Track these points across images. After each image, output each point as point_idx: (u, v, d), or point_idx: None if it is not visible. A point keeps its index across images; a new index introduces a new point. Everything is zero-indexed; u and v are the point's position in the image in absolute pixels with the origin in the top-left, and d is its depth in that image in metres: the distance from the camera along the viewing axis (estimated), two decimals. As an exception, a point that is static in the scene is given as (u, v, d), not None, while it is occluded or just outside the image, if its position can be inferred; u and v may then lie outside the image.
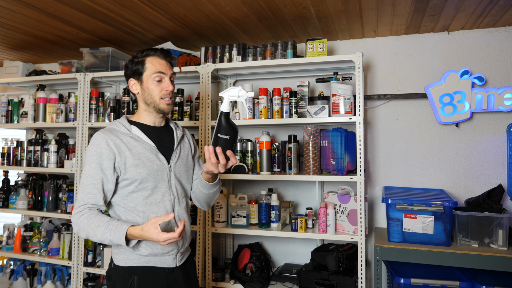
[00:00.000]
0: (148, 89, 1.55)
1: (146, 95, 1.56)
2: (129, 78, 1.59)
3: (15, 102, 3.19)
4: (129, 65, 1.58)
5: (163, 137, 1.61)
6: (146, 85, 1.55)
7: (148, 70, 1.54)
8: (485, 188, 2.49)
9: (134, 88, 1.59)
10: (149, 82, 1.54)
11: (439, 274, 2.24)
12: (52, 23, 2.56)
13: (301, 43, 2.90)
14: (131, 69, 1.58)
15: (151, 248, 1.49)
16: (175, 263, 1.55)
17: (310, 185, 2.80)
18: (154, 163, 1.52)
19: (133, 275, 1.48)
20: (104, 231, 1.38)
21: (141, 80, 1.56)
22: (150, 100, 1.55)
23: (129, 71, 1.59)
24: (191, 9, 2.29)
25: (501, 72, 2.52)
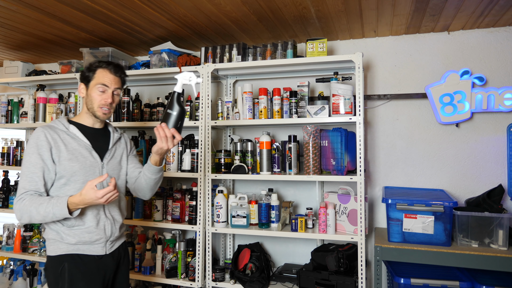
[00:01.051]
0: (90, 96, 1.74)
1: (88, 101, 1.75)
2: (80, 82, 1.78)
3: (15, 102, 3.19)
4: (84, 71, 1.77)
5: (99, 137, 1.79)
6: (90, 92, 1.74)
7: (95, 80, 1.73)
8: (485, 188, 2.49)
9: (81, 91, 1.77)
10: (93, 91, 1.73)
11: (439, 274, 2.24)
12: (52, 23, 2.56)
13: (301, 43, 2.90)
14: (84, 75, 1.77)
15: (78, 236, 1.63)
16: (104, 251, 1.70)
17: (310, 185, 2.80)
18: (87, 159, 1.69)
19: (63, 262, 1.61)
20: (46, 207, 1.52)
21: (88, 87, 1.75)
22: (90, 106, 1.74)
23: (82, 76, 1.77)
24: (191, 9, 2.29)
25: (501, 72, 2.52)
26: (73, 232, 1.63)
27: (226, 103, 2.62)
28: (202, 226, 2.54)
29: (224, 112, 2.62)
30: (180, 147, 2.69)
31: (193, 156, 2.61)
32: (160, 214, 2.70)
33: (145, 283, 2.83)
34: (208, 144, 2.56)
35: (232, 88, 2.93)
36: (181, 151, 2.69)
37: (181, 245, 2.59)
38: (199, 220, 2.54)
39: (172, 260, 2.61)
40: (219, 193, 2.55)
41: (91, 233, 1.66)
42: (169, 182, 2.93)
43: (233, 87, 2.95)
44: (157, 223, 2.66)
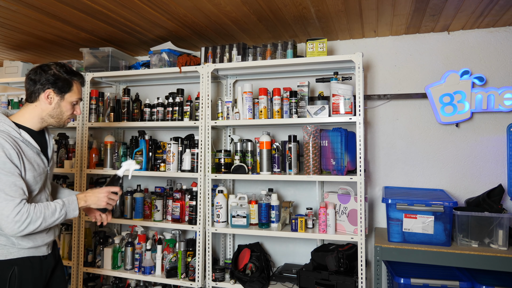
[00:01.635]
0: (61, 107, 1.67)
1: (57, 111, 1.66)
2: (47, 88, 1.62)
3: (15, 102, 3.19)
4: (50, 77, 1.62)
5: (42, 141, 1.69)
6: (63, 103, 1.67)
7: (71, 94, 1.68)
8: (485, 188, 2.49)
9: (50, 98, 1.64)
10: (67, 103, 1.67)
11: (439, 274, 2.24)
12: (52, 23, 2.56)
13: (301, 43, 2.90)
14: (58, 83, 1.64)
15: (33, 241, 1.59)
16: (48, 251, 1.69)
17: (310, 185, 2.80)
18: (40, 167, 1.62)
19: (13, 266, 1.56)
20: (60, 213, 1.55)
21: (62, 98, 1.66)
22: (58, 116, 1.68)
23: (50, 82, 1.62)
24: (191, 9, 2.29)
25: (501, 72, 2.52)
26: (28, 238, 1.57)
27: (226, 103, 2.62)
28: (202, 226, 2.54)
29: (224, 112, 2.63)
30: (180, 147, 2.69)
31: (193, 156, 2.61)
32: (160, 214, 2.70)
33: (145, 283, 2.83)
34: (208, 144, 2.56)
35: (232, 88, 2.93)
36: (181, 151, 2.69)
37: (181, 245, 2.59)
38: (199, 220, 2.54)
39: (172, 260, 2.61)
40: (219, 193, 2.55)
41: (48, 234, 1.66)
42: (169, 182, 2.93)
43: (233, 87, 2.95)
44: (157, 223, 2.66)
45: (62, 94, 1.66)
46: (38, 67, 1.65)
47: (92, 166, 2.88)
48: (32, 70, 1.66)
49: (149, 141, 2.79)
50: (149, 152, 2.78)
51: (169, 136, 3.17)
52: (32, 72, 1.65)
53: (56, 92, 1.64)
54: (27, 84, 1.65)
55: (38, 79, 1.62)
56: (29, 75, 1.65)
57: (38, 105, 1.64)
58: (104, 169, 2.83)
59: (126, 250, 2.72)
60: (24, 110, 1.65)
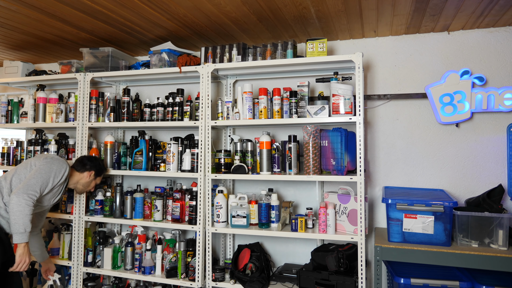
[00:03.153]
0: (90, 183, 2.60)
1: (87, 184, 2.58)
2: (92, 170, 2.57)
3: (15, 102, 3.19)
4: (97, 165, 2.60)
5: None
6: (93, 181, 2.61)
7: (100, 178, 2.67)
8: (485, 188, 2.49)
9: (90, 176, 2.56)
10: (94, 182, 2.62)
11: (439, 274, 2.24)
12: (52, 23, 2.56)
13: (301, 43, 2.90)
14: (98, 169, 2.60)
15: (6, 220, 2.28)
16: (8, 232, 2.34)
17: (310, 185, 2.80)
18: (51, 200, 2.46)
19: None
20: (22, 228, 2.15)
21: (95, 178, 2.61)
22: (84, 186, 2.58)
23: (96, 168, 2.59)
24: (191, 9, 2.29)
25: (501, 72, 2.52)
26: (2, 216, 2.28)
27: (226, 103, 2.62)
28: (202, 226, 2.53)
29: (224, 112, 2.63)
30: (180, 147, 2.69)
31: (193, 156, 2.61)
32: (160, 214, 2.70)
33: (145, 283, 2.83)
34: (208, 144, 2.56)
35: (232, 88, 2.93)
36: (181, 151, 2.69)
37: (181, 245, 2.59)
38: (199, 220, 2.54)
39: (172, 260, 2.61)
40: (219, 193, 2.55)
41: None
42: (169, 182, 2.93)
43: (233, 87, 2.95)
44: (157, 223, 2.66)
45: (96, 177, 2.61)
46: (91, 156, 2.63)
47: (92, 166, 2.88)
48: (87, 157, 2.60)
49: (149, 141, 2.79)
50: (149, 152, 2.78)
51: (169, 136, 3.17)
52: (87, 158, 2.59)
53: (95, 174, 2.59)
54: (80, 162, 2.56)
55: (91, 163, 2.56)
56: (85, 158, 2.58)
57: (80, 175, 2.55)
58: (104, 169, 2.83)
59: (126, 250, 2.72)
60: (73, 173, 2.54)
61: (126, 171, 2.77)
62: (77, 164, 2.54)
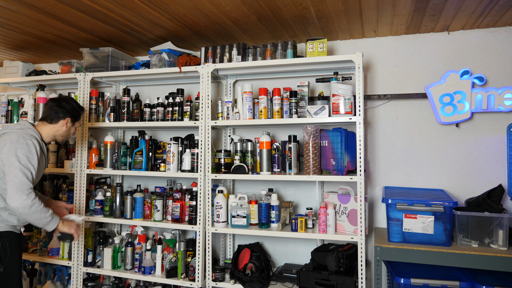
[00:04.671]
0: (69, 131, 2.30)
1: (66, 133, 2.28)
2: (67, 117, 2.24)
3: (15, 102, 3.19)
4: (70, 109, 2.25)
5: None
6: (72, 128, 2.31)
7: (79, 122, 2.35)
8: (485, 188, 2.49)
9: (66, 124, 2.25)
10: (73, 128, 2.33)
11: (439, 274, 2.24)
12: (52, 23, 2.56)
13: (301, 43, 2.90)
14: (76, 115, 2.29)
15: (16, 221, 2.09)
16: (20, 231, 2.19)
17: (310, 185, 2.80)
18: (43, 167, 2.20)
19: (3, 237, 2.04)
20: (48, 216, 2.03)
21: (73, 124, 2.30)
22: (64, 136, 2.29)
23: (70, 113, 2.25)
24: (191, 9, 2.29)
25: (501, 72, 2.52)
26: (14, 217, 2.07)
27: (226, 103, 2.62)
28: (202, 226, 2.54)
29: (224, 112, 2.62)
30: (180, 147, 2.69)
31: (193, 156, 2.61)
32: (160, 214, 2.70)
33: (145, 283, 2.83)
34: (208, 144, 2.56)
35: (232, 88, 2.93)
36: (181, 151, 2.69)
37: (181, 245, 2.59)
38: (199, 220, 2.54)
39: (172, 260, 2.61)
40: (219, 193, 2.55)
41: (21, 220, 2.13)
42: (169, 182, 2.93)
43: (233, 87, 2.95)
44: (157, 223, 2.66)
45: (74, 122, 2.30)
46: (59, 99, 2.27)
47: (92, 166, 2.88)
48: (55, 100, 2.25)
49: (149, 141, 2.79)
50: (149, 152, 2.78)
51: (169, 136, 3.17)
52: (55, 102, 2.23)
53: (72, 120, 2.27)
54: (49, 110, 2.21)
55: (61, 109, 2.22)
56: (53, 104, 2.22)
57: (55, 126, 2.23)
58: (104, 169, 2.83)
59: (126, 250, 2.72)
60: (42, 127, 2.21)
61: (126, 171, 2.77)
62: (48, 115, 2.20)
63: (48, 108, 2.22)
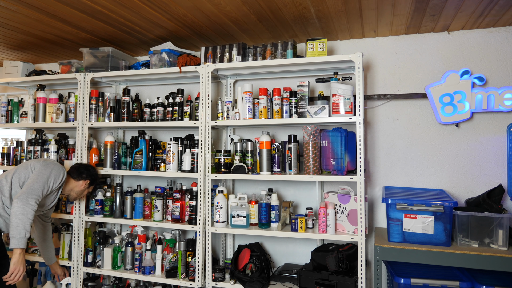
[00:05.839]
0: (83, 191, 2.65)
1: (80, 192, 2.62)
2: (87, 179, 2.63)
3: (15, 102, 3.19)
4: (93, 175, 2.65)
5: None
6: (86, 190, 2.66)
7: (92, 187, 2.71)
8: (485, 188, 2.49)
9: (84, 185, 2.62)
10: (87, 190, 2.68)
11: (439, 274, 2.24)
12: (52, 23, 2.56)
13: (301, 43, 2.90)
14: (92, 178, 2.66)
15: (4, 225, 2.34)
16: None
17: (310, 185, 2.80)
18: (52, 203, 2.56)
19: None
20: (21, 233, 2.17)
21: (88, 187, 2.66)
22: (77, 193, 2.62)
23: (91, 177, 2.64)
24: (191, 9, 2.29)
25: (501, 72, 2.52)
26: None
27: (226, 103, 2.62)
28: (202, 226, 2.53)
29: (224, 112, 2.63)
30: (180, 147, 2.69)
31: (193, 156, 2.61)
32: (160, 214, 2.70)
33: (145, 283, 2.83)
34: (208, 144, 2.56)
35: (232, 88, 2.93)
36: (181, 151, 2.69)
37: (181, 245, 2.59)
38: (199, 220, 2.54)
39: (172, 260, 2.61)
40: (219, 193, 2.55)
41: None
42: (169, 182, 2.93)
43: (233, 87, 2.95)
44: (157, 223, 2.66)
45: (90, 186, 2.67)
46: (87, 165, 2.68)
47: (92, 166, 2.88)
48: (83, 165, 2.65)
49: (149, 141, 2.79)
50: (149, 152, 2.78)
51: (169, 136, 3.17)
52: (84, 166, 2.64)
53: (89, 183, 2.65)
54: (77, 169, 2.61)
55: (87, 172, 2.62)
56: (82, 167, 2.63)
57: (76, 183, 2.60)
58: (104, 169, 2.83)
59: (126, 250, 2.72)
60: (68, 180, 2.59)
61: (126, 171, 2.77)
62: (74, 172, 2.60)
63: (75, 168, 2.62)
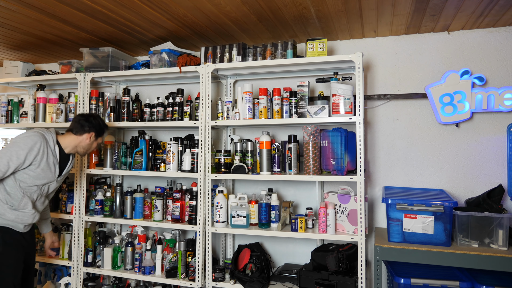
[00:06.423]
0: (92, 145, 2.40)
1: (88, 146, 2.38)
2: (91, 131, 2.35)
3: (15, 102, 3.19)
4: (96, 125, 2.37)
5: (63, 159, 2.33)
6: (93, 142, 2.40)
7: (101, 138, 2.47)
8: (485, 188, 2.49)
9: (90, 138, 2.35)
10: (95, 143, 2.42)
11: (439, 274, 2.24)
12: (52, 23, 2.56)
13: (301, 43, 2.90)
14: (100, 130, 2.41)
15: (15, 216, 2.15)
16: (24, 230, 2.22)
17: (310, 185, 2.80)
18: (52, 173, 2.24)
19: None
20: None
21: (96, 139, 2.40)
22: (85, 148, 2.38)
23: (96, 128, 2.36)
24: (191, 9, 2.29)
25: (501, 72, 2.52)
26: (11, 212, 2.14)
27: (226, 103, 2.62)
28: (202, 226, 2.53)
29: (224, 112, 2.63)
30: (180, 147, 2.69)
31: (193, 156, 2.61)
32: (160, 214, 2.70)
33: (145, 283, 2.83)
34: (208, 144, 2.56)
35: (232, 88, 2.93)
36: (181, 151, 2.69)
37: (181, 245, 2.59)
38: (199, 220, 2.54)
39: (172, 260, 2.61)
40: (219, 193, 2.55)
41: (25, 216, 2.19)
42: (169, 182, 2.93)
43: (233, 87, 2.95)
44: (157, 223, 2.66)
45: (97, 137, 2.41)
46: (88, 115, 2.40)
47: (92, 166, 2.89)
48: (83, 115, 2.38)
49: (149, 141, 2.79)
50: (149, 152, 2.78)
51: (169, 136, 3.17)
52: (84, 117, 2.35)
53: (95, 135, 2.38)
54: (76, 123, 2.33)
55: (88, 123, 2.33)
56: (81, 117, 2.35)
57: (79, 138, 2.34)
58: (104, 169, 2.83)
59: (126, 250, 2.72)
60: (67, 137, 2.34)
61: (126, 171, 2.77)
62: (74, 127, 2.32)
63: (76, 121, 2.35)
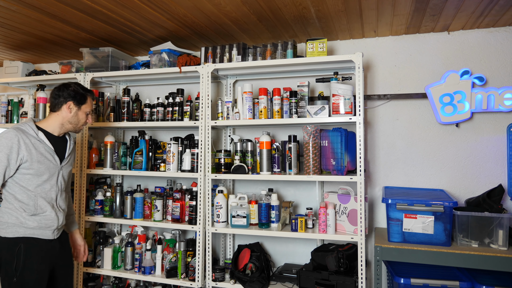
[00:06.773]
0: (78, 116, 2.09)
1: (75, 119, 2.08)
2: (68, 100, 2.05)
3: (15, 102, 3.19)
4: (71, 92, 2.05)
5: (59, 144, 2.09)
6: (80, 113, 2.09)
7: (87, 106, 2.12)
8: (485, 188, 2.49)
9: (70, 109, 2.06)
10: (82, 113, 2.10)
11: (439, 274, 2.24)
12: (52, 23, 2.56)
13: (301, 43, 2.90)
14: (77, 97, 2.07)
15: (37, 222, 1.94)
16: (53, 236, 2.01)
17: (310, 185, 2.80)
18: (51, 162, 2.01)
19: (19, 244, 1.89)
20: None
21: (79, 108, 2.08)
22: (75, 123, 2.09)
23: (71, 96, 2.05)
24: (191, 9, 2.29)
25: (501, 72, 2.52)
26: (34, 218, 1.93)
27: (226, 103, 2.62)
28: (202, 226, 2.53)
29: (224, 112, 2.63)
30: (180, 147, 2.69)
31: (193, 156, 2.61)
32: (160, 214, 2.70)
33: (145, 283, 2.83)
34: (208, 144, 2.56)
35: (232, 88, 2.93)
36: (181, 151, 2.69)
37: (181, 245, 2.59)
38: (199, 220, 2.54)
39: (172, 260, 2.61)
40: (219, 193, 2.55)
41: (50, 220, 1.98)
42: (169, 182, 2.93)
43: (233, 87, 2.95)
44: (157, 223, 2.66)
45: (79, 105, 2.08)
46: (61, 84, 2.08)
47: (92, 166, 2.89)
48: (56, 87, 2.07)
49: (149, 141, 2.79)
50: (149, 152, 2.78)
51: (169, 136, 3.17)
52: (56, 88, 2.06)
53: (75, 103, 2.06)
54: (52, 98, 2.06)
55: (62, 93, 2.04)
56: (54, 90, 2.06)
57: (60, 113, 2.05)
58: (104, 169, 2.83)
59: (126, 250, 2.72)
60: (48, 117, 2.07)
61: (126, 171, 2.77)
62: (51, 103, 2.08)
63: (51, 96, 2.07)
